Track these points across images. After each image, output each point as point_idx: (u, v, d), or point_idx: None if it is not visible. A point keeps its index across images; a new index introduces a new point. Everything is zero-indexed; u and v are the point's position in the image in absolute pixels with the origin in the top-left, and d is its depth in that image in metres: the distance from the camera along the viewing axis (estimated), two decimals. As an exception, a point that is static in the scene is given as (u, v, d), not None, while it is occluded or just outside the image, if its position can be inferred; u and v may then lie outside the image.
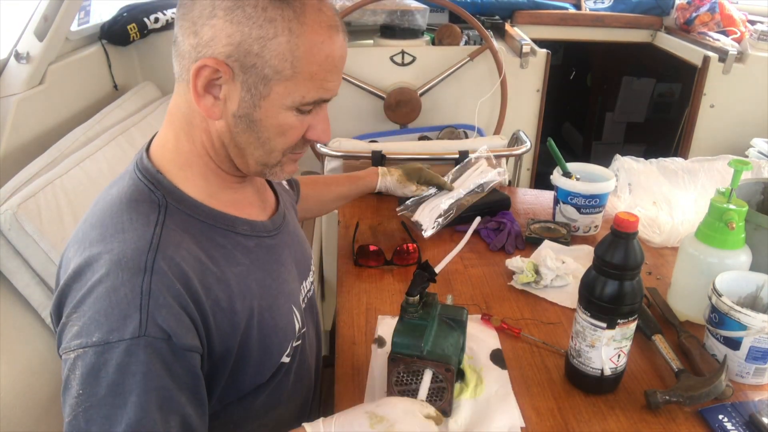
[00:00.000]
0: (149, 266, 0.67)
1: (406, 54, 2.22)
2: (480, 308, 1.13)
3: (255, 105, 0.72)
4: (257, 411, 0.86)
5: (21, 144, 1.49)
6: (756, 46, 2.30)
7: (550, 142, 1.44)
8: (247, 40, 0.68)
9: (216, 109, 0.73)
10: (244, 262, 0.80)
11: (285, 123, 0.74)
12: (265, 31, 0.68)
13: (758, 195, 1.19)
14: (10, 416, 1.05)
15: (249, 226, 0.83)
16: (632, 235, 0.83)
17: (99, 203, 0.76)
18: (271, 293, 0.83)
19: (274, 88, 0.71)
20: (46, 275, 1.22)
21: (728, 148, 2.13)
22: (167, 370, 0.66)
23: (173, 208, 0.75)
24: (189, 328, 0.69)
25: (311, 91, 0.73)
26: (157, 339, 0.65)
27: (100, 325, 0.65)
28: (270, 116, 0.73)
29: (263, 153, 0.77)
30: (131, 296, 0.65)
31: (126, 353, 0.64)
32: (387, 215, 1.50)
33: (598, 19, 2.67)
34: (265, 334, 0.80)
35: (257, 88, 0.71)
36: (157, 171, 0.76)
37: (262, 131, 0.74)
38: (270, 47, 0.68)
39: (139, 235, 0.69)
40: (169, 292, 0.67)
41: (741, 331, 0.90)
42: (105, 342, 0.64)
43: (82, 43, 1.94)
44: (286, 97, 0.72)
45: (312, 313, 1.01)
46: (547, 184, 1.51)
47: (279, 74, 0.70)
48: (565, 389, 0.93)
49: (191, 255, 0.72)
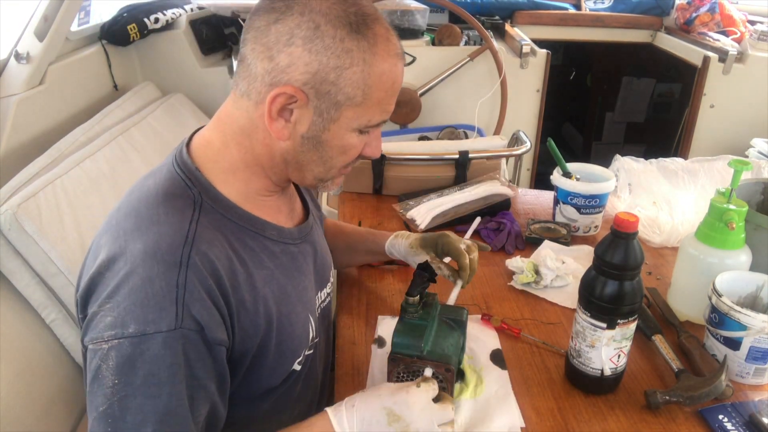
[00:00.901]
0: (185, 260, 0.69)
1: (406, 54, 2.22)
2: (480, 308, 1.13)
3: (325, 128, 0.76)
4: (263, 414, 0.87)
5: (21, 144, 1.49)
6: (756, 47, 2.31)
7: (550, 143, 1.44)
8: (324, 69, 0.71)
9: (285, 131, 0.76)
10: (269, 266, 0.81)
11: (348, 143, 0.79)
12: (342, 61, 0.71)
13: (758, 195, 1.19)
14: (10, 416, 1.05)
15: (277, 231, 0.84)
16: (632, 235, 0.83)
17: (134, 193, 0.78)
18: (291, 300, 0.84)
19: (344, 113, 0.75)
20: (46, 275, 1.22)
21: (728, 148, 2.13)
22: (200, 361, 0.69)
23: (208, 206, 0.76)
24: (219, 322, 0.71)
25: (377, 114, 0.77)
26: (192, 331, 0.68)
27: (136, 317, 0.66)
28: (336, 138, 0.77)
29: (323, 170, 0.81)
30: (167, 289, 0.67)
31: (163, 345, 0.66)
32: (387, 215, 1.50)
33: (598, 20, 2.67)
34: (282, 339, 0.82)
35: (329, 113, 0.74)
36: (195, 168, 0.78)
37: (327, 150, 0.78)
38: (345, 76, 0.72)
39: (175, 229, 0.71)
40: (203, 286, 0.69)
41: (741, 331, 0.90)
42: (142, 333, 0.66)
43: (82, 43, 1.94)
44: (354, 120, 0.76)
45: (324, 323, 1.01)
46: (547, 184, 1.51)
47: (351, 100, 0.74)
48: (565, 389, 0.93)
49: (223, 253, 0.74)
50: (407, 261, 1.10)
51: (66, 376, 1.21)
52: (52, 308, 1.23)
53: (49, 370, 1.18)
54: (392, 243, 1.11)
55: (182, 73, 2.25)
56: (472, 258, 1.01)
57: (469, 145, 1.66)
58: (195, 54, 2.26)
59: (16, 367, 1.11)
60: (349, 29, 0.71)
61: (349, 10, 0.71)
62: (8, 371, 1.09)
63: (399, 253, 1.10)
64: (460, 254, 1.01)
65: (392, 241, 1.11)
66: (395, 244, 1.10)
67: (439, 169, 1.61)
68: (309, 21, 0.70)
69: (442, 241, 1.04)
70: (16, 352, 1.13)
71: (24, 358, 1.15)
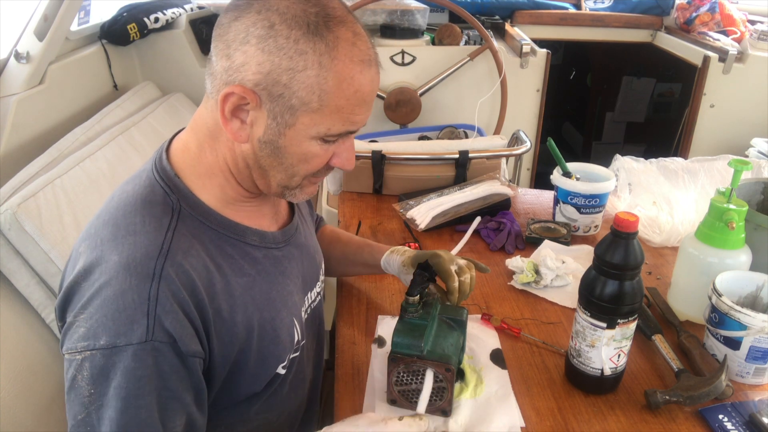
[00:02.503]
0: (158, 272, 0.68)
1: (406, 54, 2.22)
2: (480, 308, 1.13)
3: (280, 133, 0.73)
4: (250, 417, 0.87)
5: (21, 144, 1.49)
6: (756, 46, 2.30)
7: (550, 142, 1.44)
8: (276, 70, 0.68)
9: (242, 132, 0.74)
10: (250, 273, 0.80)
11: (309, 152, 0.75)
12: (295, 63, 0.68)
13: (758, 195, 1.19)
14: (10, 416, 1.05)
15: (259, 236, 0.83)
16: (632, 235, 0.83)
17: (114, 200, 0.77)
18: (275, 305, 0.83)
19: (300, 119, 0.72)
20: (46, 275, 1.22)
21: (728, 148, 2.13)
22: (175, 373, 0.69)
23: (186, 214, 0.75)
24: (192, 334, 0.70)
25: (337, 123, 0.73)
26: (164, 343, 0.67)
27: (108, 329, 0.66)
28: (294, 144, 0.74)
29: (285, 177, 0.78)
30: (138, 301, 0.67)
31: (134, 357, 0.66)
32: (387, 215, 1.50)
33: (598, 19, 2.67)
34: (264, 345, 0.81)
35: (283, 117, 0.71)
36: (174, 174, 0.77)
37: (286, 157, 0.75)
38: (298, 79, 0.69)
39: (150, 240, 0.70)
40: (175, 298, 0.69)
41: (741, 330, 0.90)
42: (113, 345, 0.66)
43: (82, 43, 1.94)
44: (312, 127, 0.72)
45: (314, 323, 1.01)
46: (547, 184, 1.51)
47: (306, 106, 0.70)
48: (565, 389, 0.93)
49: (200, 262, 0.73)
50: (400, 278, 1.06)
51: (66, 375, 1.21)
52: (52, 308, 1.23)
53: (49, 370, 1.18)
54: (387, 259, 1.07)
55: (182, 72, 2.25)
56: (462, 280, 0.96)
57: (469, 145, 1.66)
58: (195, 53, 2.26)
59: (16, 367, 1.11)
60: (305, 30, 0.67)
61: (309, 10, 0.68)
62: (8, 371, 1.09)
63: (393, 270, 1.06)
64: (448, 276, 0.96)
65: (388, 257, 1.07)
66: (390, 261, 1.06)
67: (439, 168, 1.61)
68: (264, 19, 0.68)
69: (433, 261, 0.96)
70: (16, 352, 1.13)
71: (24, 358, 1.15)
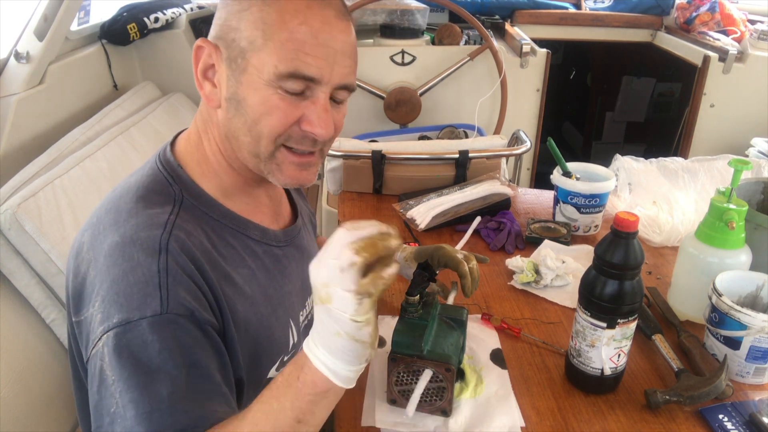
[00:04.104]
0: (164, 246, 0.67)
1: (406, 54, 2.22)
2: (480, 308, 1.13)
3: (237, 81, 0.72)
4: None
5: (21, 144, 1.49)
6: (756, 46, 2.30)
7: (550, 142, 1.44)
8: (228, 16, 0.73)
9: (214, 96, 0.75)
10: (250, 266, 0.80)
11: (268, 101, 0.71)
12: (243, 4, 0.71)
13: (758, 194, 1.19)
14: (10, 415, 1.05)
15: (260, 231, 0.83)
16: (632, 235, 0.83)
17: (117, 190, 0.77)
18: (272, 302, 0.83)
19: (250, 61, 0.71)
20: (46, 275, 1.22)
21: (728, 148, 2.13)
22: (198, 345, 0.66)
23: (188, 203, 0.76)
24: (205, 305, 0.69)
25: (284, 61, 0.69)
26: (180, 316, 0.65)
27: (120, 306, 0.64)
28: (251, 92, 0.72)
29: (252, 139, 0.74)
30: (149, 275, 0.66)
31: (150, 331, 0.63)
32: (387, 215, 1.50)
33: (598, 19, 2.67)
34: (258, 341, 0.80)
35: (236, 62, 0.72)
36: (177, 165, 0.78)
37: (249, 112, 0.72)
38: (244, 17, 0.71)
39: (153, 220, 0.70)
40: (184, 270, 0.68)
41: (741, 330, 0.90)
42: (126, 321, 0.63)
43: (82, 43, 1.94)
44: (262, 69, 0.70)
45: None
46: (547, 184, 1.51)
47: (252, 44, 0.71)
48: (565, 389, 0.93)
49: (203, 245, 0.73)
50: (402, 274, 1.06)
51: (66, 375, 1.21)
52: (52, 308, 1.23)
53: (49, 370, 1.18)
54: None
55: (182, 72, 2.25)
56: (471, 267, 0.97)
57: (469, 145, 1.66)
58: (195, 53, 2.25)
59: (16, 367, 1.11)
60: None
61: None
62: (8, 371, 1.09)
63: None
64: (458, 263, 0.97)
65: None
66: None
67: (439, 168, 1.61)
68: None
69: (438, 254, 0.98)
70: (16, 352, 1.13)
71: (24, 358, 1.15)
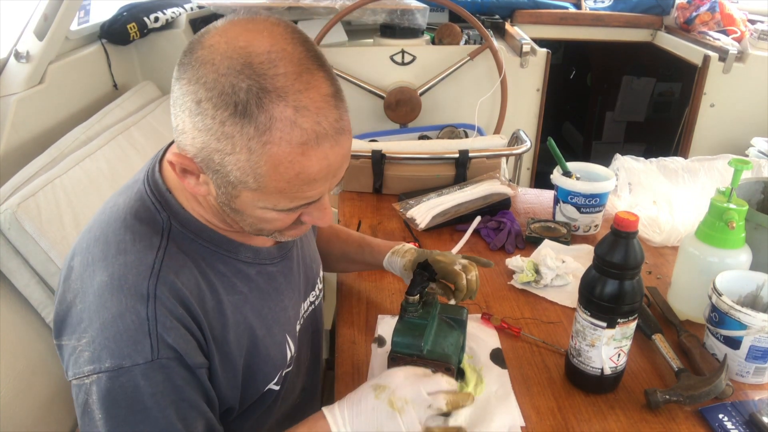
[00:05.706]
0: (151, 292, 0.68)
1: (406, 53, 2.22)
2: (480, 307, 1.13)
3: (231, 198, 0.69)
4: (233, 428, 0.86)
5: (21, 143, 1.49)
6: (756, 46, 2.30)
7: (550, 142, 1.44)
8: (207, 149, 0.64)
9: (199, 189, 0.71)
10: (242, 291, 0.80)
11: (266, 217, 0.71)
12: (223, 145, 0.62)
13: (758, 194, 1.19)
14: (9, 415, 1.05)
15: (252, 253, 0.82)
16: (632, 235, 0.83)
17: (105, 212, 0.76)
18: (266, 323, 0.83)
19: (242, 194, 0.68)
20: (46, 275, 1.22)
21: (728, 148, 2.13)
22: (188, 384, 0.70)
23: (177, 231, 0.74)
24: (195, 347, 0.71)
25: (283, 201, 0.68)
26: (170, 360, 0.68)
27: (112, 352, 0.66)
28: (249, 209, 0.70)
29: (254, 230, 0.75)
30: (138, 322, 0.67)
31: (143, 376, 0.66)
32: (387, 214, 1.50)
33: (598, 19, 2.67)
34: (254, 363, 0.81)
35: (227, 189, 0.68)
36: (166, 189, 0.76)
37: (246, 218, 0.72)
38: (229, 161, 0.64)
39: (141, 260, 0.70)
40: (173, 315, 0.69)
41: (741, 330, 0.90)
42: (119, 367, 0.66)
43: (81, 43, 1.94)
44: (258, 202, 0.68)
45: (310, 330, 1.01)
46: (547, 184, 1.51)
47: (243, 184, 0.66)
48: (565, 389, 0.93)
49: (191, 281, 0.72)
50: (403, 277, 1.06)
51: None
52: (52, 308, 1.23)
53: (49, 369, 1.18)
54: (390, 261, 1.07)
55: (182, 72, 2.25)
56: (469, 278, 0.97)
57: (469, 144, 1.66)
58: (195, 53, 2.25)
59: (15, 367, 1.11)
60: (232, 111, 0.60)
61: (239, 84, 0.60)
62: (8, 370, 1.09)
63: (396, 271, 1.07)
64: (456, 275, 0.96)
65: (389, 259, 1.07)
66: (392, 262, 1.07)
67: (439, 168, 1.61)
68: (193, 93, 0.62)
69: (437, 267, 0.95)
70: (15, 352, 1.13)
71: (24, 358, 1.14)
